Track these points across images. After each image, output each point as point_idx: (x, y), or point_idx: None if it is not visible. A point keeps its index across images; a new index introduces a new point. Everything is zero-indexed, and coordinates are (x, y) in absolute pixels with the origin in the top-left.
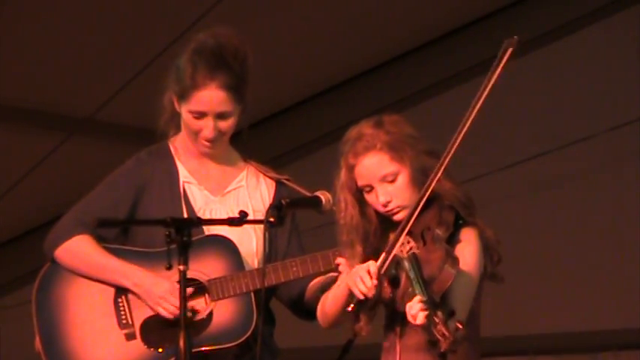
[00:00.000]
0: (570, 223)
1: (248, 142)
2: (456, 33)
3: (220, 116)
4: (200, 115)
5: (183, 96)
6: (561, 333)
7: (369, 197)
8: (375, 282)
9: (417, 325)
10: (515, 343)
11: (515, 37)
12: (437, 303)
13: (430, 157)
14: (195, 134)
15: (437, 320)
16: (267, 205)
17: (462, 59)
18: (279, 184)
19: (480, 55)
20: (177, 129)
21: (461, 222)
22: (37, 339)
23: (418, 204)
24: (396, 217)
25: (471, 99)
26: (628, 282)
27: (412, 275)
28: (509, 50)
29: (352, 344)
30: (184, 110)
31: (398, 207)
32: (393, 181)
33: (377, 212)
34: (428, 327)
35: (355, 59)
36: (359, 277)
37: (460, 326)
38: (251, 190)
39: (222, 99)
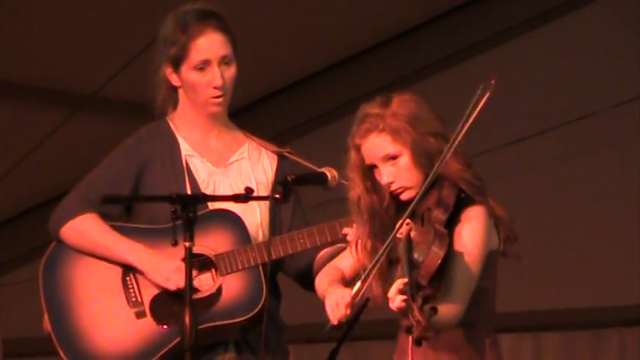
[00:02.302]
0: (574, 200)
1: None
2: (462, 9)
3: (224, 61)
4: (204, 64)
5: (181, 56)
6: (565, 309)
7: (377, 176)
8: (347, 312)
9: (397, 310)
10: (518, 320)
11: (493, 80)
12: (420, 286)
13: (436, 139)
14: (203, 92)
15: (414, 306)
16: (270, 178)
17: (469, 34)
18: (281, 157)
19: (486, 30)
20: (175, 106)
21: (463, 196)
22: (46, 320)
23: (423, 190)
24: (402, 197)
25: (480, 73)
26: (632, 259)
27: (403, 258)
28: (487, 95)
29: (359, 318)
30: (186, 71)
31: (401, 187)
32: (395, 162)
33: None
34: (406, 312)
35: (358, 36)
36: (330, 306)
37: (433, 311)
38: (253, 163)
39: (221, 40)
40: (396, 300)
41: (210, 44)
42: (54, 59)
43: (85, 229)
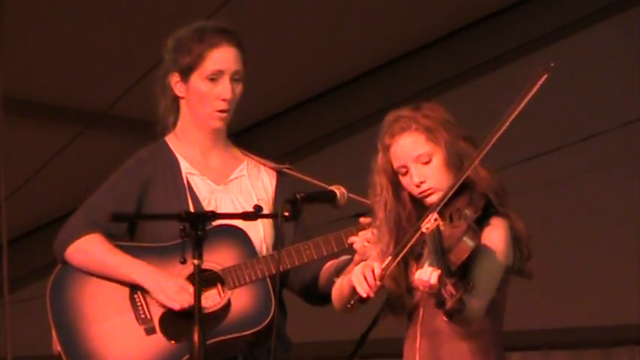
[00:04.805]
0: (583, 218)
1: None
2: (467, 30)
3: (235, 76)
4: (217, 75)
5: (194, 65)
6: (575, 328)
7: (404, 179)
8: (378, 283)
9: (425, 289)
10: (528, 338)
11: (552, 63)
12: (451, 271)
13: (466, 142)
14: (210, 103)
15: (447, 281)
16: (271, 194)
17: (476, 54)
18: (280, 173)
19: (495, 49)
20: (175, 119)
21: (492, 210)
22: (55, 341)
23: (451, 188)
24: (429, 200)
25: (489, 93)
26: None
27: (431, 247)
28: (544, 77)
29: (367, 336)
30: (196, 80)
31: (431, 189)
32: (427, 162)
33: (411, 197)
34: (438, 291)
35: (363, 57)
36: (362, 276)
37: (470, 287)
38: (253, 179)
39: (236, 56)
40: (432, 277)
41: (226, 56)
42: (64, 77)
43: (90, 249)
